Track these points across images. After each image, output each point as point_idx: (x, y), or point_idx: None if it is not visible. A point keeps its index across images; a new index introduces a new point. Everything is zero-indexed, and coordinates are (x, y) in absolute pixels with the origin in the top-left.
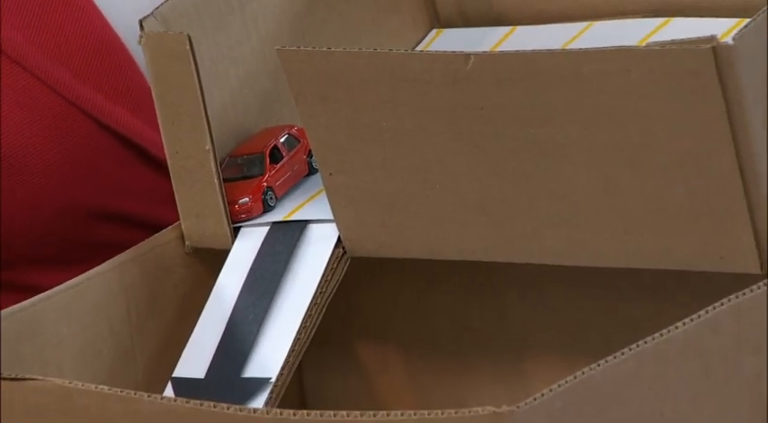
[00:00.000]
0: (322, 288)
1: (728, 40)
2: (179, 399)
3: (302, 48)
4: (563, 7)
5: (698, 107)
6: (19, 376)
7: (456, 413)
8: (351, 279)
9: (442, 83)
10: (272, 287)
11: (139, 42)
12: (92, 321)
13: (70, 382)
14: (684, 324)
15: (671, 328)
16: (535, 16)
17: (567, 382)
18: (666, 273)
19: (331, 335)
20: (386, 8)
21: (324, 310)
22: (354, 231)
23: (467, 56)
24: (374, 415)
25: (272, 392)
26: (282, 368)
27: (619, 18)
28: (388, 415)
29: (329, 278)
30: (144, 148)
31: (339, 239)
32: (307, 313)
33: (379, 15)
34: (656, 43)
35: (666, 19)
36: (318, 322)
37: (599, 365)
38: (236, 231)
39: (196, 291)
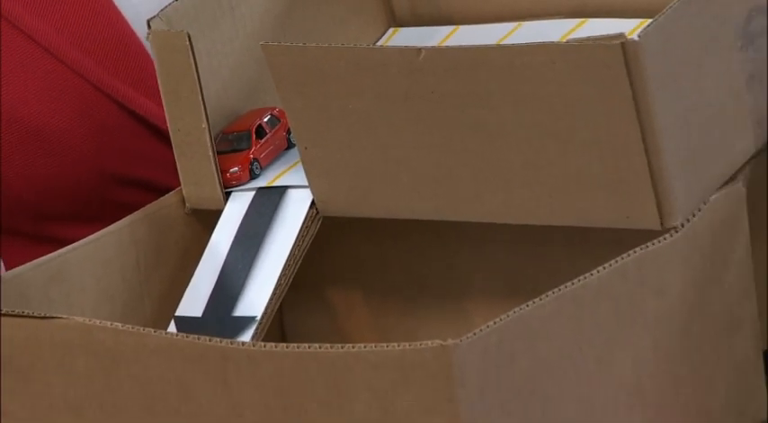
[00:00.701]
0: (299, 242)
1: (635, 36)
2: (180, 334)
3: (282, 43)
4: (497, 9)
5: (609, 93)
6: (47, 315)
7: (410, 346)
8: (323, 235)
9: (398, 72)
10: (258, 241)
11: (147, 38)
12: (108, 270)
13: (90, 320)
14: (598, 272)
15: (587, 275)
16: (475, 17)
17: (501, 319)
18: (584, 229)
19: (306, 281)
20: (351, 10)
21: (300, 261)
22: (326, 195)
23: (419, 50)
24: (341, 347)
25: (257, 328)
26: (266, 308)
27: (543, 19)
28: (353, 347)
29: (305, 234)
30: (156, 125)
31: (313, 202)
32: (286, 263)
33: (346, 16)
34: (574, 40)
35: (583, 19)
36: (296, 271)
37: (527, 306)
38: (227, 195)
39: (194, 245)
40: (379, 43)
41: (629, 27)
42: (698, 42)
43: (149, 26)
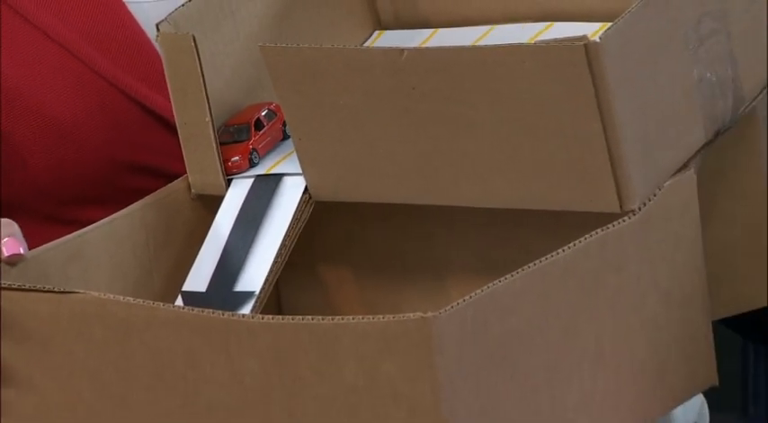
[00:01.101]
0: (293, 224)
1: (597, 38)
2: (187, 307)
3: (278, 44)
4: (472, 14)
5: (574, 90)
6: (67, 290)
7: (393, 317)
8: (315, 218)
9: (382, 71)
10: (256, 224)
11: (156, 40)
12: (121, 249)
13: (105, 295)
14: (563, 251)
15: (554, 253)
16: (452, 21)
17: (476, 294)
18: (552, 213)
19: (300, 260)
20: (341, 14)
21: (295, 241)
22: (318, 182)
23: (401, 51)
24: (332, 319)
25: (256, 302)
26: (264, 284)
27: (514, 23)
28: (342, 319)
29: (299, 217)
30: (164, 117)
31: (306, 188)
32: (282, 243)
33: (336, 19)
34: (542, 41)
35: (550, 23)
36: (291, 250)
37: (500, 281)
38: (229, 182)
39: (199, 226)
40: (365, 44)
41: (592, 29)
42: (653, 44)
43: (158, 29)
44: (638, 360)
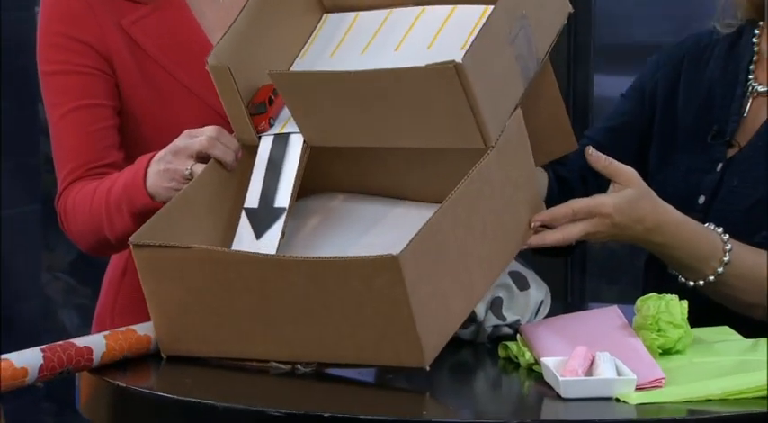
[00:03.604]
0: (300, 162)
1: (461, 59)
2: (254, 252)
3: (287, 71)
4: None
5: (451, 95)
6: (185, 246)
7: (378, 255)
8: (313, 158)
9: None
10: (280, 163)
11: (207, 68)
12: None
13: (210, 247)
14: (472, 172)
15: (467, 176)
16: (373, 4)
17: (420, 231)
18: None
19: (306, 188)
20: (301, 7)
21: (302, 173)
22: (311, 136)
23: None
24: (344, 258)
25: (286, 212)
26: (290, 200)
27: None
28: (349, 257)
29: (303, 156)
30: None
31: (305, 140)
32: (296, 174)
33: (301, 15)
34: (430, 64)
35: (453, 6)
36: (301, 176)
37: (432, 218)
38: (259, 138)
39: (246, 161)
40: (316, 29)
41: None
42: (492, 48)
43: (207, 62)
44: (497, 240)
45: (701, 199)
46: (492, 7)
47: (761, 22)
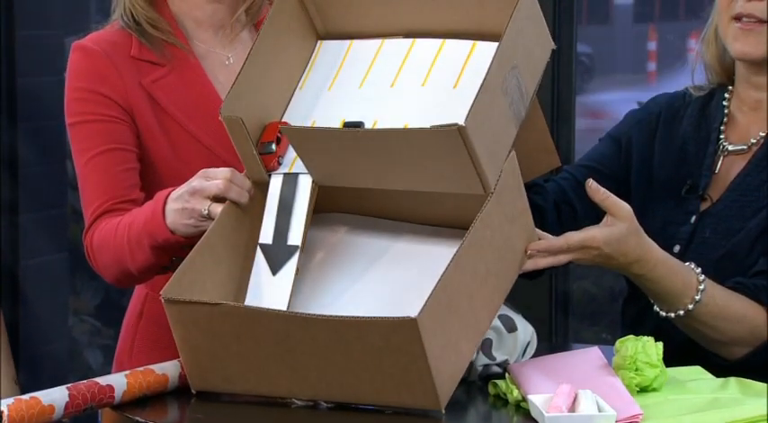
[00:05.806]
0: (310, 200)
1: (463, 122)
2: (276, 309)
3: (298, 126)
4: (381, 27)
5: (454, 152)
6: (213, 302)
7: (397, 317)
8: (320, 196)
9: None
10: (291, 201)
11: (220, 118)
12: (228, 228)
13: (235, 304)
14: (475, 222)
15: (471, 227)
16: (366, 33)
17: (433, 293)
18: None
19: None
20: (297, 37)
21: (312, 210)
22: (319, 178)
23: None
24: (361, 317)
25: (299, 252)
26: (302, 238)
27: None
28: (365, 317)
29: (312, 196)
30: (233, 163)
31: (313, 180)
32: (307, 211)
33: (298, 44)
34: (435, 126)
35: (443, 40)
36: (311, 214)
37: (447, 271)
38: (269, 176)
39: (257, 196)
40: (312, 58)
41: (475, 47)
42: (489, 104)
43: (221, 113)
44: (491, 276)
45: (677, 248)
46: (479, 43)
47: (730, 87)
